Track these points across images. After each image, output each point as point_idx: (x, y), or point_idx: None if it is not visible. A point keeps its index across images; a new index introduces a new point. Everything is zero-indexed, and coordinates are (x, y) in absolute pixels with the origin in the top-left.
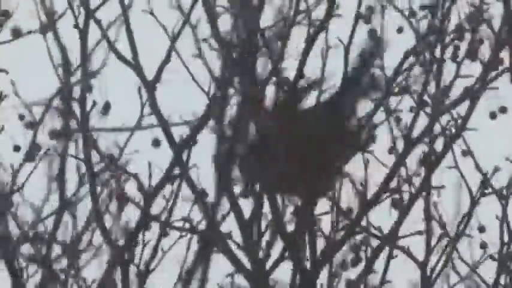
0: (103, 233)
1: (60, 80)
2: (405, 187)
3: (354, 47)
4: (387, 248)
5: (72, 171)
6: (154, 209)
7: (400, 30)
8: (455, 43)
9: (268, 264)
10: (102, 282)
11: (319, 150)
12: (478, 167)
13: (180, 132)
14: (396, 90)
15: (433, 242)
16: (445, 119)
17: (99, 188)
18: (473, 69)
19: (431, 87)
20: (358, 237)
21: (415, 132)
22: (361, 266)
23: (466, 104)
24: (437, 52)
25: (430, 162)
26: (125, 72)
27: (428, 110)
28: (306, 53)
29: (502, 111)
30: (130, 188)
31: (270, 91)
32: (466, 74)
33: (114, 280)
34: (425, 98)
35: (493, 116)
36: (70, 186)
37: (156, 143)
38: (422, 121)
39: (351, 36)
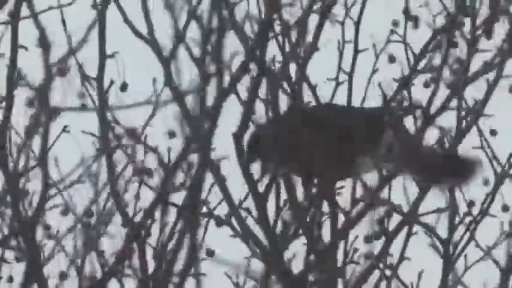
0: (119, 209)
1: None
2: None
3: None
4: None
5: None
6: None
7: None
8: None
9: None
10: (119, 256)
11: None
12: (495, 157)
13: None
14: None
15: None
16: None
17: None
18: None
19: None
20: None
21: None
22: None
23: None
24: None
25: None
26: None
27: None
28: (319, 26)
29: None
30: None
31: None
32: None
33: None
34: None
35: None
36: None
37: (171, 135)
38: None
39: (361, 11)
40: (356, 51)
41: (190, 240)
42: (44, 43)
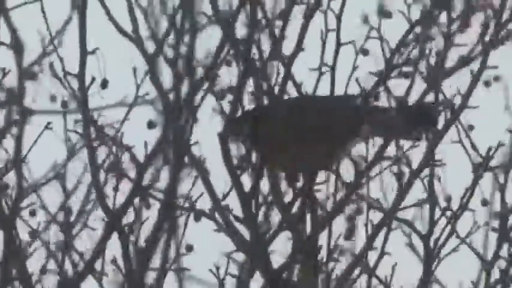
0: (101, 204)
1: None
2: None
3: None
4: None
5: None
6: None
7: None
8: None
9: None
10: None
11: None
12: (474, 146)
13: None
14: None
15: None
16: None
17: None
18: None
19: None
20: (352, 207)
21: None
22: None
23: (467, 80)
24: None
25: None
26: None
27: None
28: (304, 28)
29: (495, 80)
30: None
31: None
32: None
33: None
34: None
35: (487, 84)
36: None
37: (150, 125)
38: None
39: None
40: (338, 44)
41: (167, 234)
42: (17, 45)
